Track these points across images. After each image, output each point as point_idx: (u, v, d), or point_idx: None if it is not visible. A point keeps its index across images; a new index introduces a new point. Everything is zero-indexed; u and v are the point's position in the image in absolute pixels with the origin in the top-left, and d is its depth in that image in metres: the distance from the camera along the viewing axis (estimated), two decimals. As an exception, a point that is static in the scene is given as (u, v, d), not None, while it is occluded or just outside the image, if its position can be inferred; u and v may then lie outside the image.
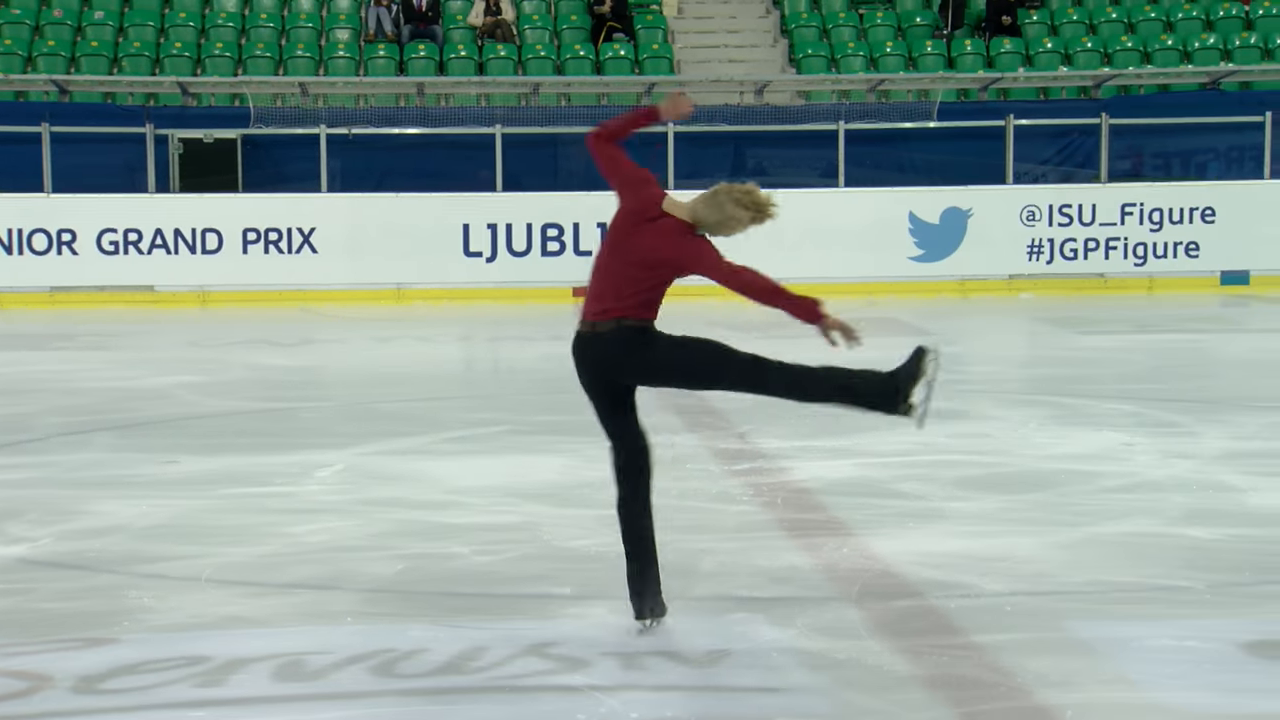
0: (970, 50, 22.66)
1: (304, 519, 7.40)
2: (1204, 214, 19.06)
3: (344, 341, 15.67)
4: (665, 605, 5.55)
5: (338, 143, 19.67)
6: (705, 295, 5.42)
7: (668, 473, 8.38)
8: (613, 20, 22.75)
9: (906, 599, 5.96)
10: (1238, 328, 16.14)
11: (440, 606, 5.95)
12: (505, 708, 4.86)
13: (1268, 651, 5.24)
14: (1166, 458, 8.64)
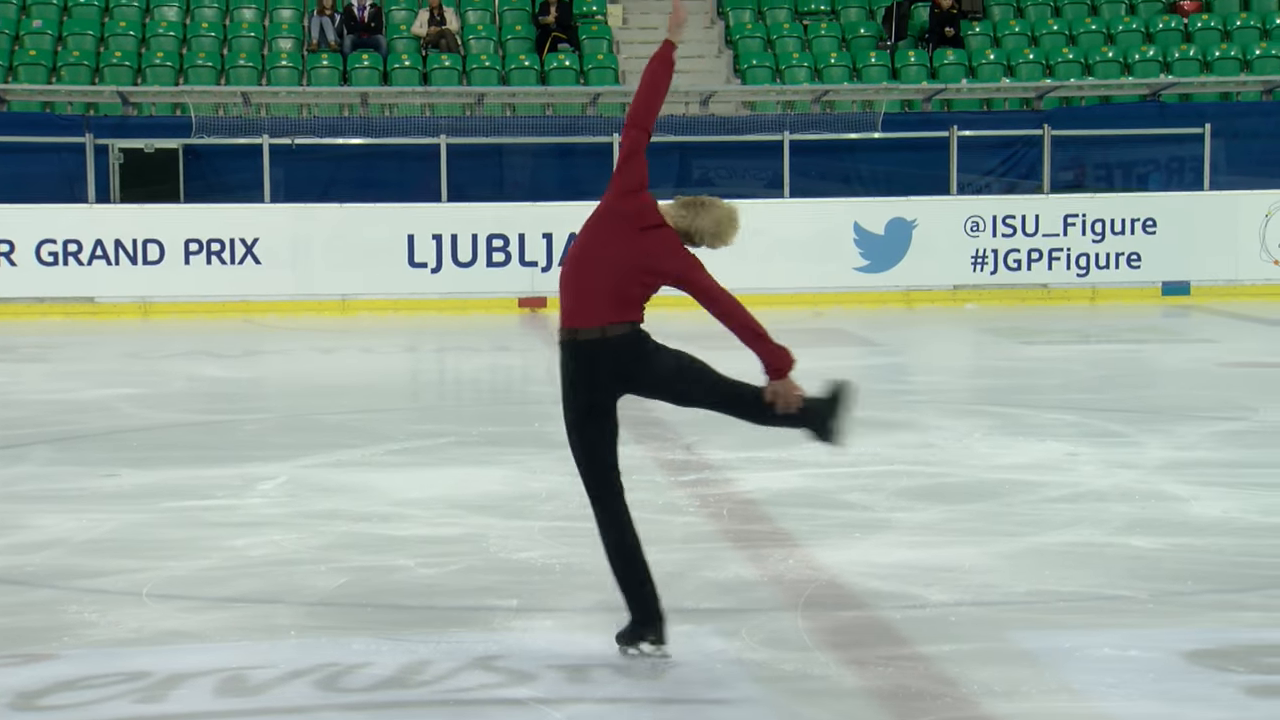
0: (914, 61, 22.80)
1: (246, 532, 7.35)
2: (1145, 225, 19.24)
3: (287, 353, 15.58)
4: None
5: (281, 153, 19.58)
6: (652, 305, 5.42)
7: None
8: (557, 31, 22.76)
9: (852, 610, 5.97)
10: (1179, 338, 16.29)
11: (384, 620, 5.92)
12: (450, 721, 4.84)
13: (1209, 660, 5.28)
14: (1109, 468, 8.70)
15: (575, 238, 5.54)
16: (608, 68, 22.45)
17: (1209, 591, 6.21)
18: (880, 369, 14.19)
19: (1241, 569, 6.57)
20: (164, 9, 23.27)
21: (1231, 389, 11.94)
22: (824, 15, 24.09)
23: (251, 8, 23.47)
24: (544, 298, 18.87)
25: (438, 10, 22.61)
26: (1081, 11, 24.19)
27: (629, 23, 24.22)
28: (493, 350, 15.77)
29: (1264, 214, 19.25)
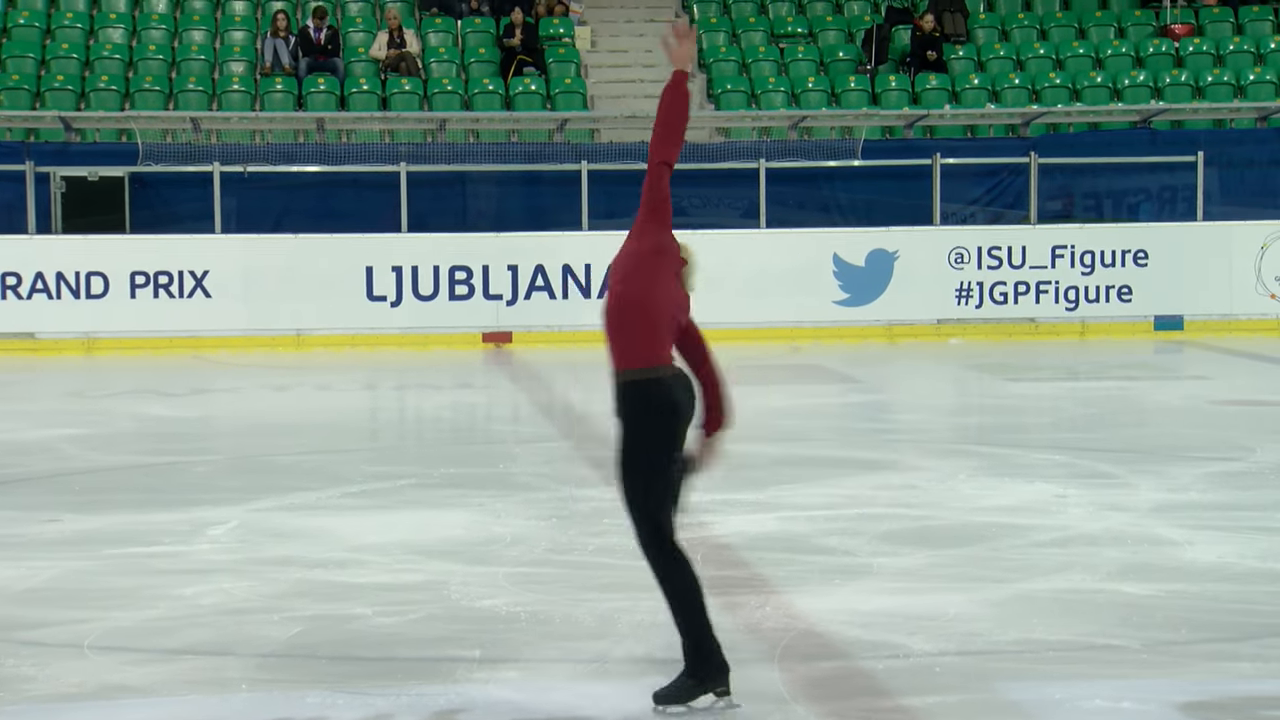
0: (895, 86, 22.93)
1: (194, 580, 7.32)
2: (1136, 257, 19.36)
3: (238, 391, 15.54)
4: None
5: (232, 181, 19.57)
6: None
7: (583, 527, 8.39)
8: (523, 54, 22.83)
9: (832, 660, 5.98)
10: (1171, 375, 16.38)
11: (340, 672, 5.90)
12: (409, 779, 4.83)
13: (1204, 713, 5.31)
14: (1100, 510, 8.73)
15: (628, 276, 5.47)
16: (575, 92, 22.53)
17: (1204, 641, 6.24)
18: (861, 407, 14.22)
19: (1237, 617, 6.60)
20: (109, 30, 23.27)
21: (1226, 428, 12.00)
22: (801, 38, 24.23)
23: (201, 30, 23.49)
24: (509, 333, 18.88)
25: (397, 32, 22.67)
26: (1069, 35, 24.39)
27: (598, 45, 24.31)
28: (455, 388, 15.76)
29: (1260, 245, 19.39)
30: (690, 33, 5.68)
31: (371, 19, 23.98)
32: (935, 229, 19.65)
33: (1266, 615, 6.63)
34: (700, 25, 24.31)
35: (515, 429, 13.29)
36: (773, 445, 10.58)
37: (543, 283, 18.95)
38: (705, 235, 19.44)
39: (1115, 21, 24.70)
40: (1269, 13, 24.71)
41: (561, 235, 19.31)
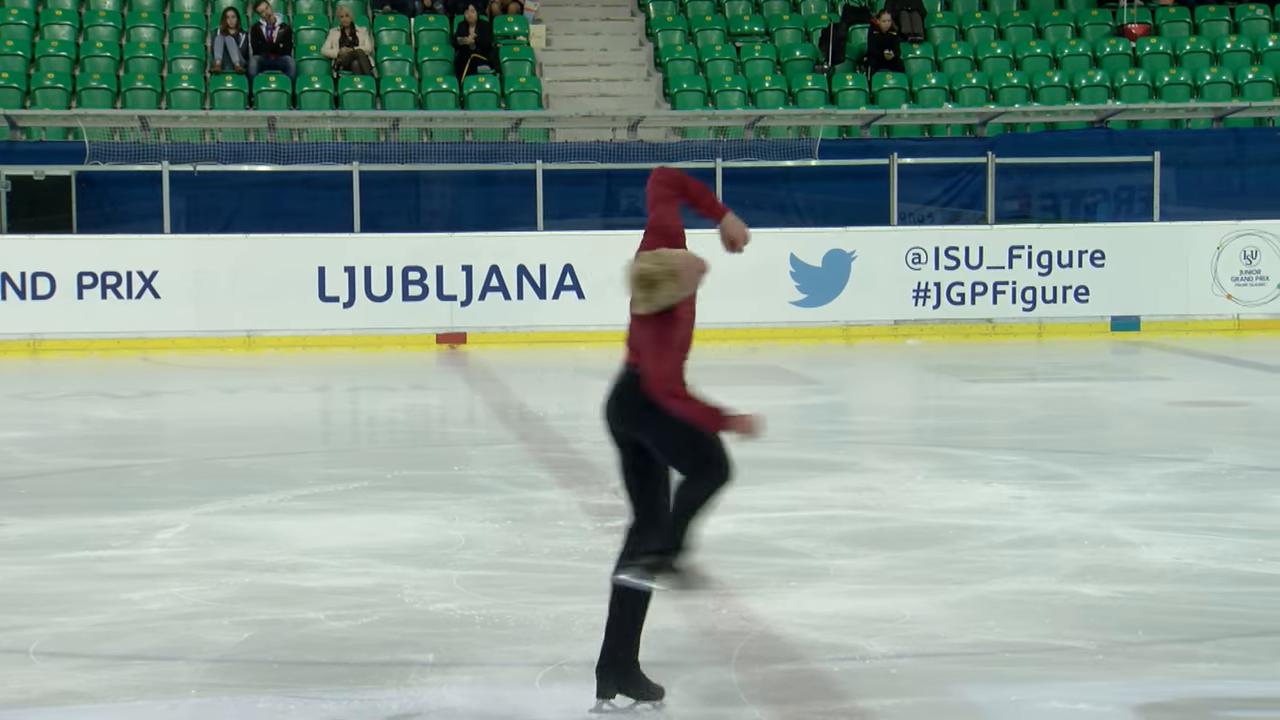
0: (852, 86, 23.00)
1: (143, 585, 7.28)
2: (1094, 257, 19.46)
3: (188, 393, 15.46)
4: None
5: (182, 180, 19.46)
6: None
7: (538, 530, 8.38)
8: (477, 52, 22.80)
9: (788, 662, 5.99)
10: (1129, 376, 16.48)
11: (291, 677, 5.88)
12: (362, 785, 4.82)
13: (1161, 714, 5.34)
14: (1058, 512, 8.78)
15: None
16: (530, 91, 22.51)
17: (1161, 642, 6.28)
18: (818, 408, 14.26)
19: (1194, 618, 6.65)
20: (55, 27, 23.12)
21: (1184, 429, 12.09)
22: (758, 37, 24.27)
23: (150, 27, 23.36)
24: (463, 334, 18.85)
25: (350, 30, 22.60)
26: (1026, 34, 24.52)
27: (553, 44, 24.30)
28: (409, 389, 15.73)
29: (1216, 246, 19.53)
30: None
31: (324, 16, 23.91)
32: (892, 229, 19.72)
33: (1223, 616, 6.68)
34: (656, 24, 24.33)
35: (470, 431, 13.27)
36: (730, 447, 10.58)
37: (497, 283, 18.92)
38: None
39: (1072, 21, 24.85)
40: (1225, 13, 24.90)
41: (516, 235, 19.29)
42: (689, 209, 5.73)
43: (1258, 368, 16.36)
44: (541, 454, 11.21)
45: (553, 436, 12.30)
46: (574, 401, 14.54)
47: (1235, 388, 14.82)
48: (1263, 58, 23.90)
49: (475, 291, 18.87)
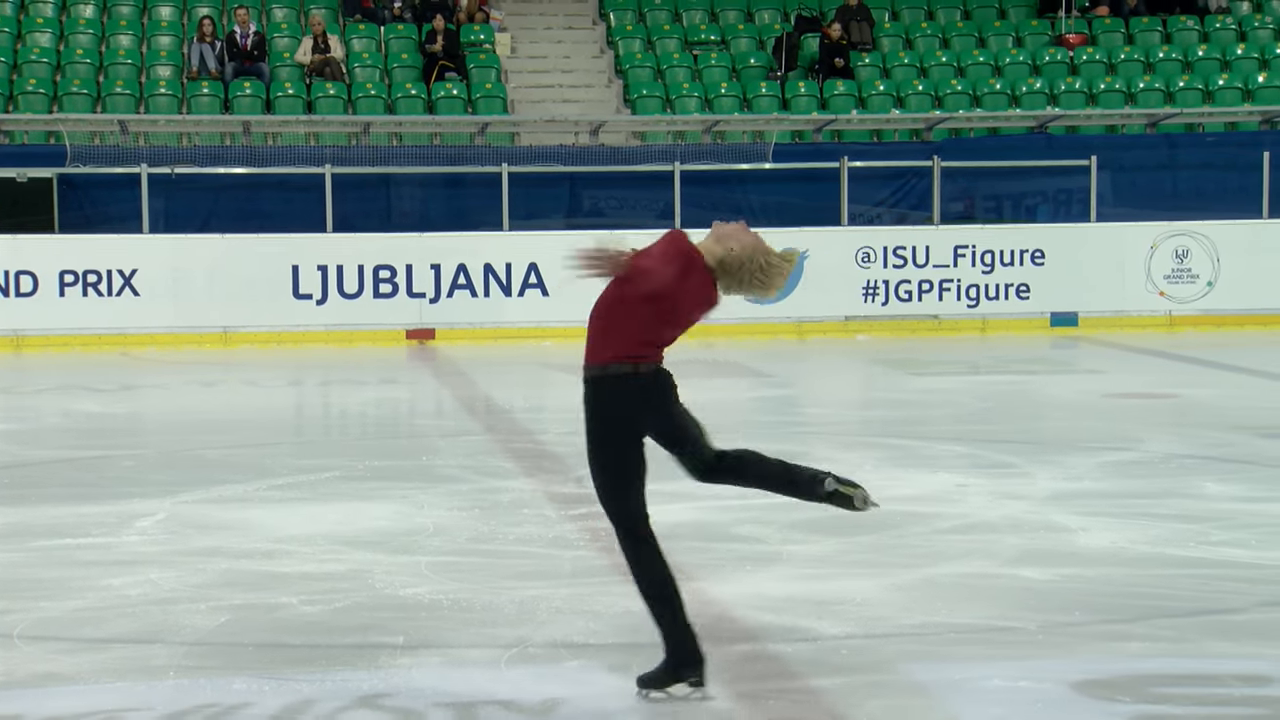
0: (804, 92, 23.04)
1: (122, 571, 7.24)
2: (1034, 256, 19.55)
3: (166, 387, 15.38)
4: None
5: (160, 182, 19.35)
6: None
7: (503, 518, 8.37)
8: (444, 59, 22.74)
9: (744, 643, 6.00)
10: (1067, 369, 16.55)
11: (266, 658, 5.86)
12: (334, 762, 4.80)
13: (1097, 690, 5.37)
14: (1000, 499, 8.81)
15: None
16: (496, 97, 22.46)
17: (1096, 622, 6.31)
18: (772, 401, 14.28)
19: (1128, 599, 6.69)
20: (37, 35, 22.96)
21: (1119, 420, 12.15)
22: (714, 45, 24.28)
23: (128, 34, 23.22)
24: (432, 330, 18.81)
25: (322, 38, 22.51)
26: (969, 43, 24.60)
27: (517, 51, 24.26)
28: (380, 383, 15.68)
29: (1150, 245, 19.64)
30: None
31: (296, 25, 23.80)
32: (843, 229, 19.75)
33: (1155, 598, 6.72)
34: (616, 33, 24.31)
35: (438, 423, 13.24)
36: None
37: (465, 281, 18.88)
38: (624, 236, 19.41)
39: (1013, 31, 24.94)
40: (1157, 24, 25.03)
41: (483, 235, 19.25)
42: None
43: (1189, 361, 16.46)
44: (507, 445, 11.20)
45: (518, 428, 12.29)
46: (538, 395, 14.53)
47: (1167, 380, 14.90)
48: (1193, 67, 24.04)
49: (443, 289, 18.83)
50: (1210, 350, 17.27)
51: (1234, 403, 13.32)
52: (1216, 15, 25.33)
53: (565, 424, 12.24)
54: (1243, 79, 23.60)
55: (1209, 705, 5.23)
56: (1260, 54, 24.17)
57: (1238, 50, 24.25)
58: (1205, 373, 15.51)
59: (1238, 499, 8.78)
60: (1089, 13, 25.22)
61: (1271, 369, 15.44)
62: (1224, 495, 8.90)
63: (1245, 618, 6.36)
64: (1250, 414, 12.41)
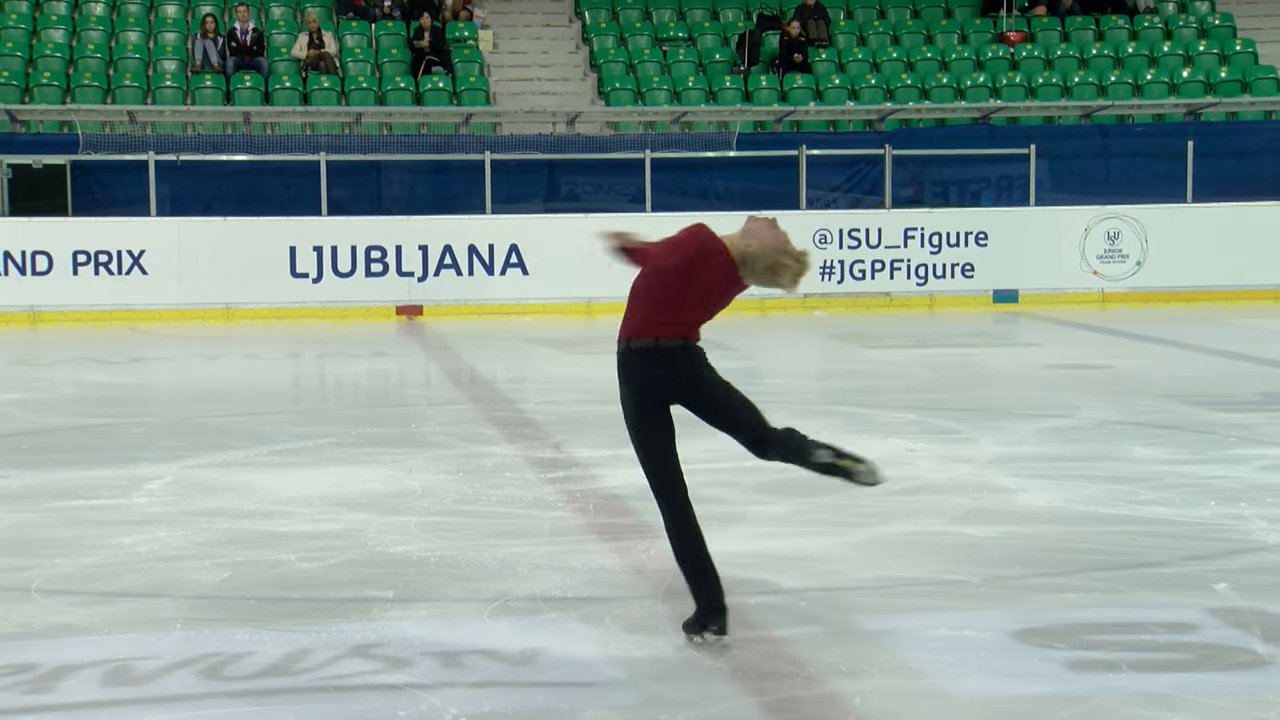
0: (766, 85, 22.99)
1: (132, 530, 7.21)
2: (978, 238, 19.57)
3: (173, 359, 15.31)
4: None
5: (166, 169, 19.23)
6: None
7: (486, 481, 8.36)
8: (431, 54, 22.62)
9: (709, 596, 5.99)
10: (1008, 342, 16.59)
11: (266, 611, 5.84)
12: (329, 706, 4.79)
13: (1035, 639, 5.39)
14: (946, 462, 8.83)
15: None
16: (479, 89, 22.36)
17: (1035, 575, 6.33)
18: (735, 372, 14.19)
19: (1064, 554, 6.71)
20: (51, 31, 22.77)
21: (1056, 389, 12.19)
22: (682, 42, 24.21)
23: (136, 30, 23.04)
24: (420, 306, 18.75)
25: (317, 34, 22.37)
26: (918, 41, 24.58)
27: (499, 47, 24.15)
28: (371, 356, 15.63)
29: (1084, 228, 19.68)
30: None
31: (293, 22, 23.64)
32: (801, 213, 19.73)
33: (1089, 552, 6.74)
34: (591, 30, 24.21)
35: (426, 393, 13.21)
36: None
37: (450, 261, 18.82)
38: (598, 219, 19.39)
39: (959, 29, 24.92)
40: (1090, 23, 25.05)
41: (467, 219, 19.19)
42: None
43: (1120, 335, 16.52)
44: (490, 413, 11.17)
45: (500, 398, 12.27)
46: (519, 367, 14.50)
47: (1100, 352, 14.95)
48: (1124, 62, 24.07)
49: (431, 268, 18.77)
50: (1139, 325, 17.33)
51: (1161, 373, 13.37)
52: (1145, 15, 25.36)
53: (544, 394, 12.24)
54: (1169, 74, 23.64)
55: (1138, 651, 5.25)
56: (1185, 51, 24.21)
57: (1164, 47, 24.28)
58: (1135, 345, 15.57)
59: (1164, 461, 8.82)
60: (1028, 12, 25.22)
61: (1195, 342, 15.51)
62: (1151, 458, 8.94)
63: (1171, 570, 6.39)
64: (1176, 383, 12.46)
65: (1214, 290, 19.74)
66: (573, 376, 13.10)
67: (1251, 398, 11.53)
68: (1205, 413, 10.61)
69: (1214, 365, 13.98)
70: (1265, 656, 5.18)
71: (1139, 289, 19.69)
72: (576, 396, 11.22)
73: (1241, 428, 9.94)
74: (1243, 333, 16.50)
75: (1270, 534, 6.99)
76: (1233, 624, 5.54)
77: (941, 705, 4.78)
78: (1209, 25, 25.09)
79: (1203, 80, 23.49)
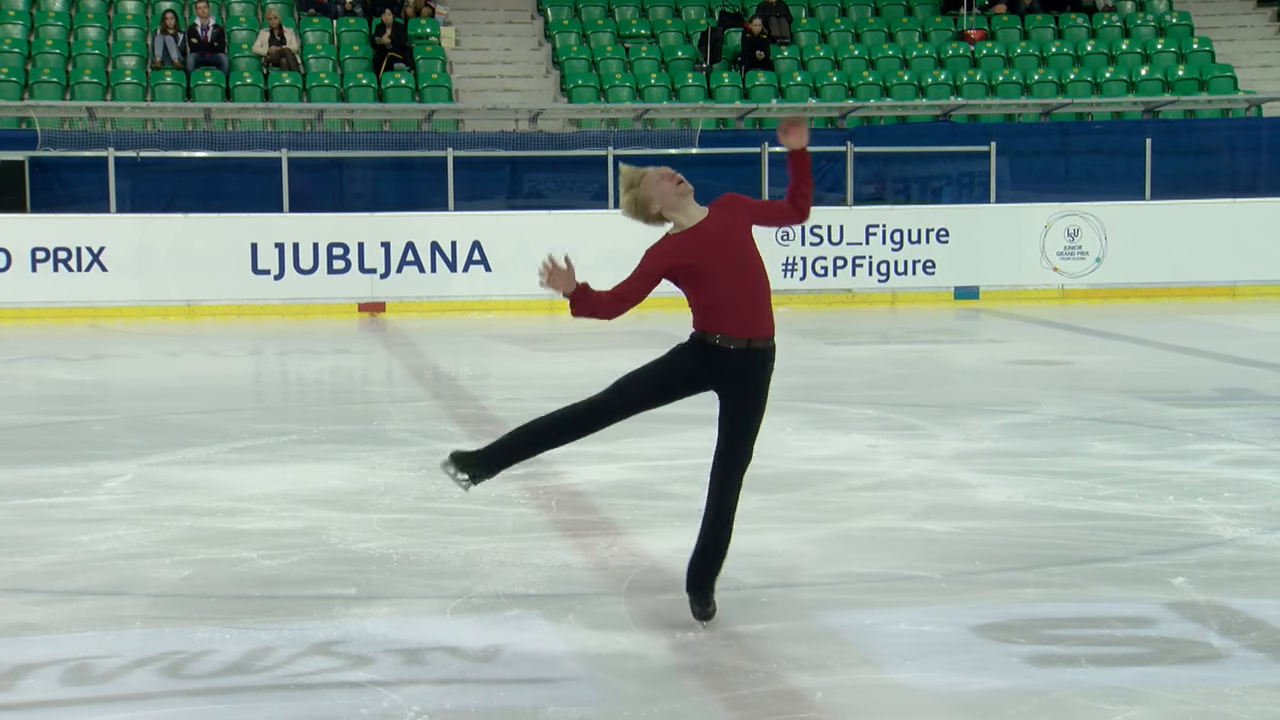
0: (728, 83, 23.02)
1: (92, 528, 7.16)
2: (939, 235, 19.66)
3: (134, 357, 15.21)
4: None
5: (126, 165, 19.10)
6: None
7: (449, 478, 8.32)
8: (393, 51, 22.55)
9: (672, 593, 6.00)
10: (969, 339, 16.66)
11: (227, 609, 5.82)
12: (291, 704, 4.77)
13: (994, 633, 5.42)
14: (908, 458, 8.86)
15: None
16: (442, 86, 22.31)
17: (995, 571, 6.37)
18: (698, 368, 14.25)
19: (1023, 549, 6.75)
20: (9, 27, 22.58)
21: (1017, 385, 12.25)
22: (644, 39, 24.21)
23: (96, 26, 22.87)
24: (382, 303, 18.69)
25: (278, 30, 22.26)
26: (880, 38, 24.65)
27: (461, 44, 24.09)
28: (333, 353, 15.58)
29: (1044, 225, 19.79)
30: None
31: (254, 18, 23.52)
32: (763, 210, 19.73)
33: (1048, 547, 6.78)
34: (553, 27, 24.19)
35: (389, 390, 13.17)
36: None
37: (413, 258, 18.78)
38: (561, 215, 19.40)
39: (920, 27, 25.00)
40: (1050, 21, 25.17)
41: (430, 215, 19.14)
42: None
43: (1079, 331, 16.61)
44: (453, 410, 11.15)
45: (463, 394, 12.24)
46: (482, 364, 14.47)
47: (1060, 349, 15.03)
48: (1082, 60, 24.20)
49: (393, 265, 18.72)
50: (1099, 321, 17.44)
51: (1120, 369, 13.45)
52: (1104, 13, 25.51)
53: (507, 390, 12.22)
54: (1127, 72, 23.79)
55: (1097, 645, 5.28)
56: (1143, 49, 24.37)
57: (1122, 45, 24.43)
58: (1094, 341, 15.66)
59: (1122, 457, 8.88)
60: (988, 10, 25.33)
61: (1154, 338, 15.62)
62: (1110, 453, 9.00)
63: (1129, 565, 6.43)
64: (1135, 379, 12.54)
65: (1172, 286, 19.89)
66: (536, 373, 13.09)
67: (1209, 393, 11.62)
68: (1163, 408, 10.69)
69: (1172, 361, 14.08)
70: (1222, 650, 5.22)
71: (1098, 285, 19.81)
72: (540, 393, 11.21)
73: (1199, 423, 10.02)
74: (1200, 329, 16.62)
75: (1227, 528, 7.04)
76: (1190, 618, 5.59)
77: (902, 700, 4.80)
78: (1167, 24, 25.26)
79: (1161, 78, 23.64)
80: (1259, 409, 10.68)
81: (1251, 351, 14.31)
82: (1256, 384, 12.12)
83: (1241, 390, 11.75)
